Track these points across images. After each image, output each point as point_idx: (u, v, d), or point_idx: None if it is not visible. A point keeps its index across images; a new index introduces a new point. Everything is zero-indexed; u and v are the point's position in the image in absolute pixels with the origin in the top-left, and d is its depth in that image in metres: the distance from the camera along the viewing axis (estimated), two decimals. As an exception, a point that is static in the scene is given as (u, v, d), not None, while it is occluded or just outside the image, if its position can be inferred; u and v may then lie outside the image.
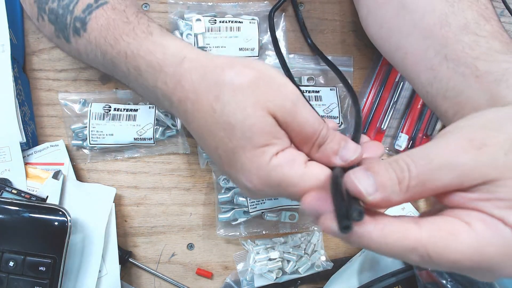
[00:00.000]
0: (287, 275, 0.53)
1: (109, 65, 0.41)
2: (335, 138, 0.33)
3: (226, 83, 0.32)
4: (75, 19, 0.40)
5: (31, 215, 0.45)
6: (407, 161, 0.26)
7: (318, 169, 0.32)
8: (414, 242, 0.24)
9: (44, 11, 0.42)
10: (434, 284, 0.44)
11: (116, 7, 0.40)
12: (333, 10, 0.58)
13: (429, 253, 0.24)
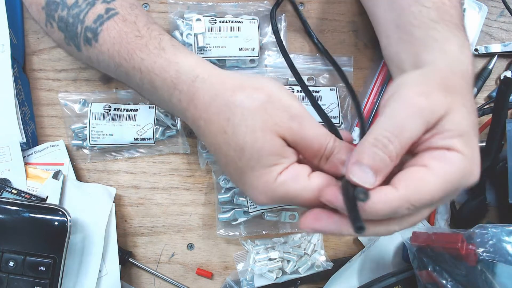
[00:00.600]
0: (287, 275, 0.53)
1: (123, 76, 0.42)
2: (341, 149, 0.35)
3: (236, 106, 0.34)
4: (86, 29, 0.40)
5: (31, 215, 0.45)
6: (386, 136, 0.31)
7: (318, 179, 0.34)
8: (398, 202, 0.30)
9: (54, 18, 0.42)
10: (434, 284, 0.44)
11: (127, 19, 0.40)
12: (333, 10, 0.58)
13: (411, 203, 0.30)
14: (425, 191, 0.30)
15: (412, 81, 0.34)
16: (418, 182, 0.30)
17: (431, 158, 0.31)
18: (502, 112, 0.51)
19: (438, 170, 0.30)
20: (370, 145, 0.31)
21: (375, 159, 0.31)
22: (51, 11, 0.42)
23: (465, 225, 0.56)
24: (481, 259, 0.40)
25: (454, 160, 0.31)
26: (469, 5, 0.58)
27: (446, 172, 0.30)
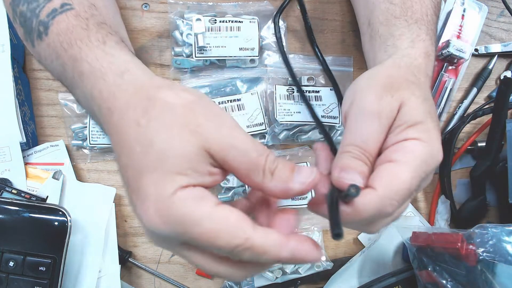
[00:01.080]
0: (287, 275, 0.53)
1: (60, 69, 0.40)
2: (286, 163, 0.30)
3: (158, 99, 0.30)
4: (39, 23, 0.39)
5: (31, 215, 0.45)
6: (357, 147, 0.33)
7: (228, 211, 0.28)
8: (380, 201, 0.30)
9: (16, 13, 0.42)
10: (434, 284, 0.44)
11: (80, 15, 0.39)
12: (333, 10, 0.58)
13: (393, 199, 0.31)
14: (401, 183, 0.31)
15: (362, 89, 0.35)
16: (392, 177, 0.31)
17: (395, 152, 0.32)
18: (502, 112, 0.51)
19: (405, 161, 0.31)
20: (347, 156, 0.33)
21: (357, 164, 0.32)
22: (15, 6, 0.41)
23: (465, 225, 0.56)
24: (481, 259, 0.40)
25: (414, 148, 0.32)
26: (469, 5, 0.58)
27: (412, 160, 0.31)
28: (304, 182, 0.29)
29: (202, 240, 0.27)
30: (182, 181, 0.27)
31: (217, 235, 0.27)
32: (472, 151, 0.58)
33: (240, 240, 0.27)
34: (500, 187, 0.56)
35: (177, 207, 0.27)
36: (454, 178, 0.58)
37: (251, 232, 0.27)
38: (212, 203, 0.28)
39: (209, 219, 0.27)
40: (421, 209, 0.58)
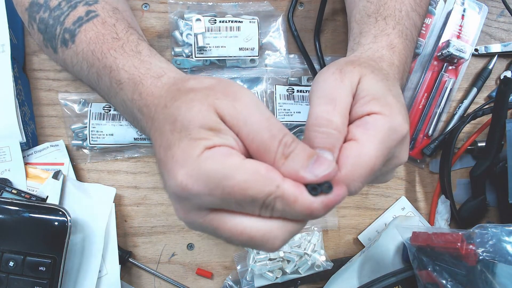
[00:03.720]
0: (287, 275, 0.53)
1: (94, 77, 0.41)
2: (305, 150, 0.29)
3: (184, 87, 0.32)
4: (64, 30, 0.40)
5: (31, 215, 0.45)
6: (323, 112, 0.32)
7: (255, 163, 0.28)
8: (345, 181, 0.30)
9: (35, 19, 0.42)
10: (434, 284, 0.44)
11: (107, 21, 0.40)
12: (333, 10, 0.58)
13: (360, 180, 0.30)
14: (366, 163, 0.30)
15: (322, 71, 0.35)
16: (355, 159, 0.30)
17: (357, 128, 0.32)
18: (502, 112, 0.51)
19: (367, 139, 0.31)
20: (313, 128, 0.32)
21: (323, 138, 0.31)
22: (33, 12, 0.42)
23: (465, 225, 0.56)
24: (481, 259, 0.40)
25: (376, 123, 0.31)
26: (469, 5, 0.58)
27: (375, 137, 0.31)
28: (318, 175, 0.28)
29: (235, 192, 0.27)
30: (206, 143, 0.28)
31: (249, 185, 0.27)
32: (472, 151, 0.58)
33: (271, 188, 0.27)
34: (500, 187, 0.56)
35: (206, 164, 0.28)
36: (454, 178, 0.58)
37: (281, 180, 0.27)
38: (240, 158, 0.28)
39: (240, 170, 0.27)
40: (421, 209, 0.58)
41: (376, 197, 0.58)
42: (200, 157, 0.28)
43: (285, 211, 0.28)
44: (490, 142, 0.53)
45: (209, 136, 0.29)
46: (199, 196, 0.28)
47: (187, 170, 0.28)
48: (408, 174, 0.58)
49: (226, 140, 0.29)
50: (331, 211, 0.56)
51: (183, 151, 0.28)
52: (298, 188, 0.27)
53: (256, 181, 0.27)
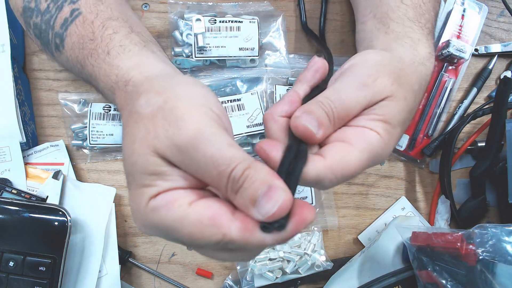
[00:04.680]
0: (287, 275, 0.53)
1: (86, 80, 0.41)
2: (255, 181, 0.26)
3: (135, 112, 0.30)
4: (55, 35, 0.39)
5: (31, 215, 0.45)
6: (330, 101, 0.32)
7: (202, 209, 0.27)
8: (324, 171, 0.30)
9: (29, 25, 0.41)
10: (434, 284, 0.44)
11: (87, 19, 0.38)
12: (333, 10, 0.58)
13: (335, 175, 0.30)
14: (349, 165, 0.31)
15: (368, 63, 0.35)
16: (343, 157, 0.31)
17: (356, 135, 0.32)
18: (502, 112, 0.51)
19: (359, 147, 0.31)
20: (317, 103, 0.32)
21: (321, 114, 0.31)
22: (27, 18, 0.41)
23: (465, 225, 0.56)
24: (481, 259, 0.40)
25: (373, 140, 0.32)
26: (469, 5, 0.58)
27: (366, 150, 0.32)
28: (265, 214, 0.25)
29: (185, 241, 0.27)
30: (151, 192, 0.28)
31: (195, 236, 0.26)
32: (472, 151, 0.58)
33: (217, 237, 0.26)
34: (500, 187, 0.56)
35: (153, 217, 0.27)
36: (454, 178, 0.58)
37: (227, 227, 0.26)
38: (185, 204, 0.27)
39: (184, 222, 0.26)
40: (421, 209, 0.58)
41: (376, 197, 0.58)
42: (146, 209, 0.27)
43: (240, 249, 0.28)
44: (490, 142, 0.53)
45: (152, 182, 0.28)
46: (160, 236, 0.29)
47: (140, 220, 0.28)
48: (408, 174, 0.58)
49: (171, 182, 0.28)
50: (331, 210, 0.56)
51: (133, 200, 0.29)
52: (247, 231, 0.26)
53: (201, 232, 0.26)
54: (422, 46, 0.40)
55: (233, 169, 0.26)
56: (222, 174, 0.26)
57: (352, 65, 0.35)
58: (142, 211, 0.28)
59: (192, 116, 0.28)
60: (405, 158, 0.58)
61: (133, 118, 0.30)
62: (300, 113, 0.31)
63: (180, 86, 0.31)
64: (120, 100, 0.34)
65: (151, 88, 0.31)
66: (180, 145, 0.27)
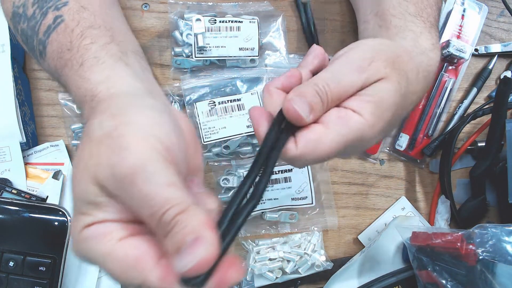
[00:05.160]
0: (287, 275, 0.53)
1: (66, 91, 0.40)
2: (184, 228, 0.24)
3: (87, 133, 0.29)
4: (39, 41, 0.38)
5: (31, 215, 0.45)
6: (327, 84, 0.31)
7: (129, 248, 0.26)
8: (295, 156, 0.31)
9: (18, 30, 0.40)
10: (434, 284, 0.44)
11: (68, 26, 0.37)
12: (333, 10, 0.58)
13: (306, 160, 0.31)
14: (320, 149, 0.31)
15: (364, 47, 0.35)
16: (316, 141, 0.31)
17: (336, 117, 0.32)
18: (502, 112, 0.51)
19: (335, 131, 0.31)
20: (311, 85, 0.31)
21: (314, 98, 0.31)
22: (16, 23, 0.40)
23: (465, 225, 0.56)
24: (481, 259, 0.40)
25: (353, 123, 0.31)
26: (469, 5, 0.58)
27: (342, 135, 0.31)
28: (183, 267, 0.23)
29: (110, 274, 0.27)
30: (86, 220, 0.27)
31: (117, 275, 0.26)
32: (472, 151, 0.58)
33: (138, 281, 0.25)
34: (500, 187, 0.56)
35: (82, 246, 0.27)
36: (454, 178, 0.58)
37: (149, 273, 0.25)
38: (114, 240, 0.26)
39: (108, 259, 0.26)
40: (421, 209, 0.58)
41: (376, 197, 0.58)
42: (79, 236, 0.27)
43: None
44: (490, 142, 0.53)
45: (89, 211, 0.27)
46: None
47: (73, 246, 0.28)
48: (408, 174, 0.58)
49: (107, 214, 0.27)
50: (331, 210, 0.56)
51: (72, 224, 0.29)
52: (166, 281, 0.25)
53: (123, 272, 0.26)
54: (424, 38, 0.40)
55: (165, 212, 0.25)
56: (154, 215, 0.25)
57: (348, 50, 0.35)
58: (76, 238, 0.28)
59: (136, 148, 0.26)
60: (405, 158, 0.58)
61: (84, 139, 0.29)
62: (292, 96, 0.31)
63: (134, 110, 0.29)
64: (87, 116, 0.33)
65: (108, 109, 0.30)
66: (118, 177, 0.26)
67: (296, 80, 0.34)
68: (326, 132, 0.31)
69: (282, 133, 0.31)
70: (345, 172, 0.57)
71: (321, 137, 0.31)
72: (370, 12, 0.45)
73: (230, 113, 0.52)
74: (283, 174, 0.54)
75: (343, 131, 0.31)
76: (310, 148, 0.31)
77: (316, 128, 0.31)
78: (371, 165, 0.58)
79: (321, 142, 0.31)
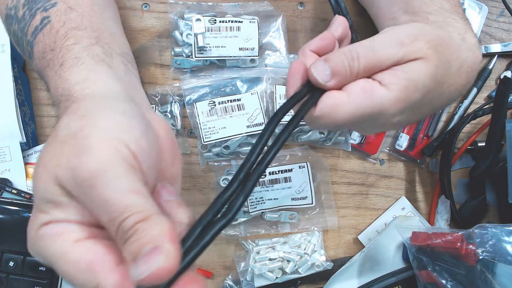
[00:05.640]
0: (287, 275, 0.53)
1: None
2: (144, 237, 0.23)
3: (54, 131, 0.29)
4: (27, 43, 0.38)
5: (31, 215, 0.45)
6: (358, 52, 0.31)
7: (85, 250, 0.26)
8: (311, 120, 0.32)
9: (10, 33, 0.40)
10: (434, 284, 0.44)
11: (54, 27, 0.36)
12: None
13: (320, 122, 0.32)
14: (333, 117, 0.32)
15: (410, 26, 0.34)
16: (330, 108, 0.32)
17: (359, 87, 0.32)
18: (502, 112, 0.51)
19: (354, 102, 0.31)
20: (341, 52, 0.32)
21: (338, 64, 0.31)
22: (8, 25, 0.40)
23: (465, 225, 0.56)
24: (481, 259, 0.40)
25: (376, 96, 0.31)
26: (469, 5, 0.58)
27: (361, 107, 0.31)
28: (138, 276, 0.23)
29: (64, 276, 0.26)
30: (44, 219, 0.27)
31: (70, 276, 0.25)
32: (472, 151, 0.58)
33: (91, 285, 0.25)
34: (500, 187, 0.56)
35: (39, 243, 0.27)
36: (454, 178, 0.58)
37: (103, 278, 0.24)
38: (70, 241, 0.26)
39: (62, 260, 0.26)
40: (421, 209, 0.58)
41: (376, 197, 0.58)
42: (35, 234, 0.27)
43: None
44: (490, 142, 0.53)
45: (48, 209, 0.27)
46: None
47: (28, 243, 0.27)
48: (408, 174, 0.58)
49: (65, 214, 0.27)
50: (331, 210, 0.56)
51: (30, 220, 0.28)
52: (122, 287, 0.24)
53: (75, 274, 0.25)
54: (469, 35, 0.38)
55: (125, 219, 0.24)
56: (113, 221, 0.24)
57: (393, 27, 0.34)
58: (32, 235, 0.27)
59: (99, 152, 0.26)
60: (405, 158, 0.58)
61: (50, 137, 0.28)
62: (317, 61, 0.32)
63: (104, 113, 0.29)
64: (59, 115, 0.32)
65: (78, 109, 0.29)
66: (78, 180, 0.25)
67: (330, 42, 0.35)
68: (345, 100, 0.31)
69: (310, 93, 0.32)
70: (345, 172, 0.57)
71: (339, 104, 0.31)
72: (397, 10, 0.43)
73: (230, 113, 0.52)
74: (283, 174, 0.54)
75: (364, 104, 0.31)
76: (326, 113, 0.31)
77: (336, 95, 0.32)
78: (371, 165, 0.58)
79: (337, 109, 0.31)
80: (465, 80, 0.37)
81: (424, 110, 0.36)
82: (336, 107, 0.31)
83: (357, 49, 0.31)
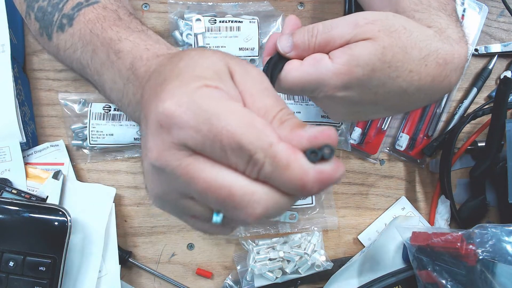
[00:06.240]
0: (287, 275, 0.53)
1: (87, 56, 0.39)
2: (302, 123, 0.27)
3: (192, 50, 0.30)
4: (62, 16, 0.41)
5: (31, 215, 0.45)
6: (318, 29, 0.36)
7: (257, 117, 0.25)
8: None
9: (33, 9, 0.43)
10: (434, 284, 0.44)
11: (108, 7, 0.41)
12: (333, 10, 0.58)
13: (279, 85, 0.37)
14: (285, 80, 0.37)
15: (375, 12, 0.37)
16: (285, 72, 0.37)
17: (311, 58, 0.36)
18: (502, 112, 0.51)
19: (302, 69, 0.36)
20: (305, 29, 0.37)
21: (299, 39, 0.36)
22: (32, 2, 0.43)
23: (465, 225, 0.56)
24: (481, 259, 0.40)
25: (321, 66, 0.35)
26: (469, 5, 0.58)
27: (307, 73, 0.36)
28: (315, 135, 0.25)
29: (223, 135, 0.24)
30: (209, 82, 0.26)
31: (240, 132, 0.24)
32: (472, 151, 0.58)
33: (263, 144, 0.24)
34: (500, 187, 0.56)
35: (202, 97, 0.25)
36: (454, 178, 0.58)
37: (276, 140, 0.24)
38: (239, 105, 0.26)
39: (236, 115, 0.24)
40: (421, 209, 0.58)
41: (376, 197, 0.58)
42: (196, 90, 0.25)
43: (274, 177, 0.24)
44: (490, 142, 0.53)
45: (213, 78, 0.26)
46: (183, 129, 0.24)
47: (177, 99, 0.25)
48: (408, 174, 0.58)
49: (229, 89, 0.26)
50: (331, 210, 0.56)
51: (180, 83, 0.26)
52: (293, 153, 0.24)
53: (248, 131, 0.24)
54: (451, 30, 0.40)
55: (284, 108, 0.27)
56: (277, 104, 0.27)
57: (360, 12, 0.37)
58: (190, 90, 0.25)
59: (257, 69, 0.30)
60: (405, 158, 0.58)
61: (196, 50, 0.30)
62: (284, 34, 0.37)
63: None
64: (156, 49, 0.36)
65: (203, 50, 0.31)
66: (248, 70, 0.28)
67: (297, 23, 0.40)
68: (297, 67, 0.36)
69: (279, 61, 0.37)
70: (345, 172, 0.57)
71: (291, 69, 0.36)
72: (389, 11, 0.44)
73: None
74: (283, 174, 0.54)
75: (310, 71, 0.36)
76: (282, 76, 0.37)
77: (293, 62, 0.37)
78: (371, 165, 0.58)
79: (289, 73, 0.36)
80: (437, 72, 0.37)
81: (381, 92, 0.37)
82: (289, 71, 0.36)
83: (318, 26, 0.36)
